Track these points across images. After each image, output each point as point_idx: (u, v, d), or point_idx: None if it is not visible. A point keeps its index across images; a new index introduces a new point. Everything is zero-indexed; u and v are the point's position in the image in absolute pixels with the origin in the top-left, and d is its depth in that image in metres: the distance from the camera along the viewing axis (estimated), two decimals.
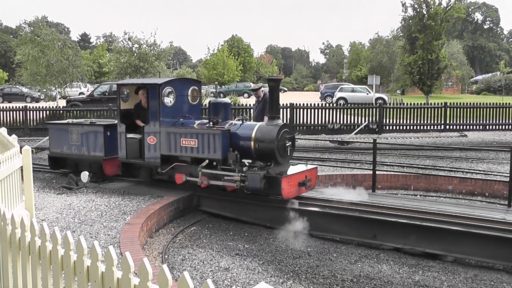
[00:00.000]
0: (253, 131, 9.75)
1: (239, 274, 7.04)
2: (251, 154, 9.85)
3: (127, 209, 9.34)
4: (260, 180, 9.13)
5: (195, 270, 7.24)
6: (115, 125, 11.81)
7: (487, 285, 6.92)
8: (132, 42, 41.61)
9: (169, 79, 11.22)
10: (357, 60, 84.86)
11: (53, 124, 13.41)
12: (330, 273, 7.18)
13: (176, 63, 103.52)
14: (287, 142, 9.73)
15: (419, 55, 37.96)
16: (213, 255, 7.85)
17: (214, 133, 9.88)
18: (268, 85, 10.03)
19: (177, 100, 11.23)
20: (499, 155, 17.00)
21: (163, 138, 10.62)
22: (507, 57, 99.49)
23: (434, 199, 11.30)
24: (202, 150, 10.05)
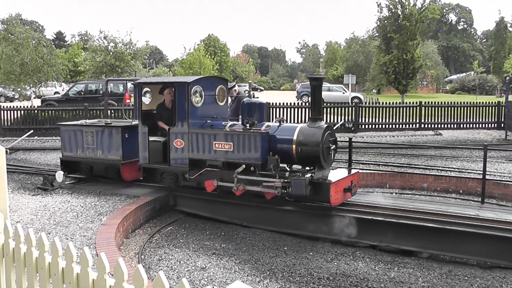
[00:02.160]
0: (294, 133, 9.16)
1: (216, 274, 7.05)
2: (292, 158, 9.30)
3: (103, 209, 9.28)
4: (305, 186, 8.58)
5: (171, 270, 7.23)
6: (133, 127, 11.20)
7: (461, 280, 7.04)
8: (107, 41, 41.33)
9: (198, 77, 10.50)
10: (333, 60, 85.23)
11: (66, 126, 12.44)
12: (307, 271, 7.23)
13: (152, 63, 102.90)
14: (331, 145, 9.24)
15: (395, 55, 38.30)
16: (190, 255, 7.84)
17: (253, 136, 9.20)
18: (310, 85, 9.49)
19: (205, 100, 10.46)
20: (473, 153, 17.26)
21: (192, 141, 9.92)
22: (481, 57, 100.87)
23: (409, 196, 11.42)
24: (239, 154, 9.37)
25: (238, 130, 9.59)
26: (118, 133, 11.14)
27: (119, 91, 29.53)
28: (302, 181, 8.62)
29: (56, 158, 16.62)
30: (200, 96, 10.34)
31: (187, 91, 9.94)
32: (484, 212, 8.62)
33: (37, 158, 16.90)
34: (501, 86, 63.22)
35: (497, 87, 67.16)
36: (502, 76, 61.93)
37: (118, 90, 29.74)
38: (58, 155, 17.00)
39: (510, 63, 54.73)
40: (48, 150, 18.80)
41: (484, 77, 71.79)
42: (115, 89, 29.81)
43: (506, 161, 15.96)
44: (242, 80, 73.89)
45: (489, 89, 69.84)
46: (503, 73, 59.60)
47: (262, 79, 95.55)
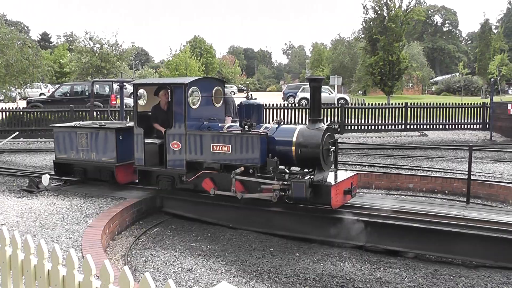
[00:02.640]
0: (294, 135, 9.04)
1: (202, 275, 7.05)
2: (291, 160, 9.18)
3: (89, 211, 9.24)
4: (306, 188, 8.45)
5: (158, 271, 7.22)
6: (127, 129, 11.13)
7: (447, 279, 7.09)
8: (93, 42, 41.18)
9: (194, 78, 10.34)
10: (319, 61, 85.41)
11: (59, 127, 12.22)
12: (293, 272, 7.25)
13: (138, 64, 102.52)
14: (330, 147, 9.16)
15: (380, 56, 38.51)
16: (176, 256, 7.83)
17: (251, 138, 9.09)
18: (310, 86, 9.40)
19: (201, 101, 10.34)
20: (458, 154, 17.42)
21: (189, 143, 9.77)
22: (466, 58, 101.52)
23: (395, 197, 11.49)
24: (237, 156, 9.25)
25: (236, 132, 9.47)
26: (112, 135, 11.00)
27: (105, 92, 29.40)
28: (303, 183, 8.50)
29: (42, 160, 16.53)
30: (197, 98, 10.23)
31: (184, 92, 9.79)
32: (470, 212, 8.71)
33: (22, 160, 16.78)
34: (486, 88, 63.72)
35: (482, 88, 67.68)
36: (487, 77, 62.40)
37: (104, 91, 29.60)
38: (44, 157, 16.96)
39: (494, 65, 55.25)
40: (34, 152, 18.68)
41: (469, 78, 72.27)
42: (101, 90, 29.67)
43: (491, 161, 16.12)
44: (228, 81, 73.82)
45: (474, 90, 70.35)
46: (488, 75, 60.08)
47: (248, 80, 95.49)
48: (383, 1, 39.41)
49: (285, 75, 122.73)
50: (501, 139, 22.82)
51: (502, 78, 61.53)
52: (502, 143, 21.74)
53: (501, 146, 20.51)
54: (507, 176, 13.39)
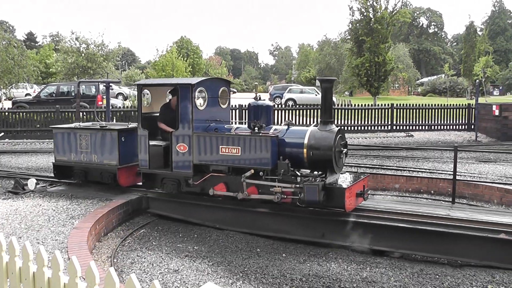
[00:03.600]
0: (305, 137, 8.85)
1: (189, 276, 7.04)
2: (302, 163, 9.01)
3: (75, 213, 9.20)
4: (319, 192, 8.24)
5: (144, 272, 7.20)
6: (130, 130, 10.90)
7: (432, 278, 7.15)
8: (79, 42, 40.99)
9: (201, 79, 10.06)
10: (306, 62, 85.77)
11: (59, 129, 11.82)
12: (279, 273, 7.26)
13: (125, 64, 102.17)
14: (342, 149, 9.04)
15: (366, 58, 38.66)
16: (163, 257, 7.82)
17: (263, 139, 8.85)
18: (321, 87, 9.24)
19: (208, 102, 10.07)
20: (443, 154, 17.54)
21: (196, 145, 9.48)
22: (451, 60, 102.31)
23: (381, 197, 11.55)
24: (247, 158, 9.00)
25: (247, 134, 9.20)
26: (115, 136, 10.70)
27: (91, 93, 29.27)
28: (316, 186, 8.28)
29: (27, 161, 16.42)
30: (203, 98, 10.00)
31: (191, 92, 9.53)
32: (455, 212, 8.78)
33: (7, 161, 16.65)
34: (471, 89, 64.32)
35: (468, 89, 68.30)
36: (472, 79, 62.95)
37: (90, 92, 29.47)
38: (30, 158, 16.86)
39: (479, 67, 55.72)
40: (19, 153, 18.54)
41: (454, 79, 72.86)
42: (87, 91, 29.54)
43: (476, 161, 16.25)
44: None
45: (460, 92, 70.93)
46: (473, 76, 60.62)
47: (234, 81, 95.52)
48: (369, 2, 39.60)
49: (272, 76, 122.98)
50: (486, 140, 23.02)
51: (487, 79, 62.18)
52: (487, 143, 21.94)
53: (486, 146, 20.69)
54: (492, 176, 13.52)
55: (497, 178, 13.26)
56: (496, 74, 75.87)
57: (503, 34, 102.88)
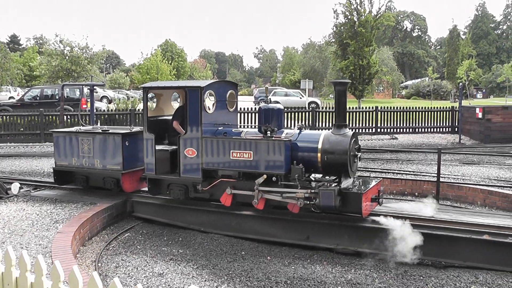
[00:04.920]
0: (319, 141, 8.64)
1: (174, 279, 7.03)
2: (316, 168, 8.77)
3: (59, 217, 9.14)
4: (335, 197, 8.02)
5: (129, 276, 7.17)
6: (133, 134, 10.62)
7: (417, 280, 7.21)
8: (63, 44, 40.76)
9: (211, 81, 9.83)
10: (290, 65, 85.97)
11: (60, 133, 11.39)
12: (264, 276, 7.27)
13: (109, 67, 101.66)
14: (357, 153, 8.86)
15: (351, 61, 38.93)
16: (147, 261, 7.80)
17: (275, 144, 8.57)
18: (335, 90, 8.97)
19: (216, 106, 9.78)
20: (427, 157, 17.65)
21: (206, 150, 9.19)
22: (435, 63, 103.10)
23: None
24: (259, 163, 8.72)
25: (259, 138, 8.93)
26: (118, 140, 10.39)
27: (76, 96, 29.09)
28: (332, 191, 8.07)
29: (11, 165, 16.27)
30: (212, 102, 9.71)
31: (200, 96, 9.24)
32: (439, 214, 8.83)
33: None
34: (455, 92, 64.81)
35: (451, 92, 68.84)
36: (455, 82, 63.56)
37: (74, 95, 29.29)
38: (13, 162, 16.71)
39: (463, 70, 56.19)
40: (3, 157, 18.36)
41: (438, 82, 73.44)
42: (71, 94, 29.34)
43: (460, 164, 16.38)
44: None
45: (444, 95, 71.49)
46: (456, 79, 61.19)
47: None
48: (353, 6, 39.88)
49: (257, 79, 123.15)
50: (470, 142, 23.20)
51: (470, 82, 62.67)
52: (470, 146, 22.12)
53: (469, 149, 20.86)
54: (475, 178, 13.63)
55: (480, 180, 13.38)
56: (479, 77, 76.68)
57: (486, 38, 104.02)
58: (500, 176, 14.14)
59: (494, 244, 7.64)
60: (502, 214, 9.59)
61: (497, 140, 22.58)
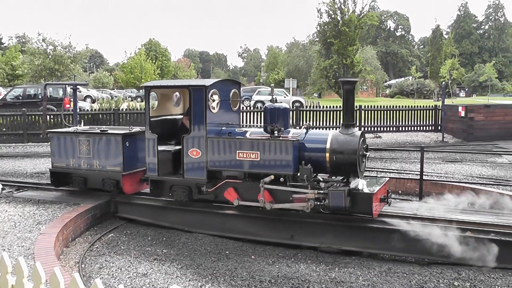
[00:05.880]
0: (327, 141, 8.49)
1: (158, 279, 7.01)
2: (324, 168, 8.61)
3: (42, 218, 9.08)
4: (345, 197, 7.90)
5: (112, 277, 7.14)
6: (133, 134, 10.37)
7: (400, 277, 7.25)
8: (46, 43, 40.46)
9: (215, 80, 9.65)
10: (275, 64, 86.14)
11: (57, 133, 11.08)
12: (249, 275, 7.28)
13: (93, 66, 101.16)
14: (366, 153, 8.77)
15: (335, 60, 39.11)
16: (131, 262, 7.77)
17: (283, 144, 8.43)
18: (343, 89, 8.81)
19: (220, 105, 9.59)
20: (411, 155, 17.78)
21: (211, 150, 8.99)
22: (418, 63, 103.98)
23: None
24: (266, 164, 8.57)
25: (266, 138, 8.75)
26: (119, 141, 10.11)
27: (59, 95, 28.86)
28: (341, 192, 7.94)
29: None
30: (216, 101, 9.49)
31: (204, 95, 9.04)
32: (422, 212, 8.89)
33: None
34: (438, 91, 65.37)
35: (434, 91, 69.43)
36: (438, 81, 64.11)
37: (57, 94, 29.06)
38: None
39: (446, 69, 56.75)
40: None
41: (421, 82, 74.05)
42: (54, 93, 29.10)
43: (443, 162, 16.52)
44: None
45: (427, 93, 72.08)
46: (439, 78, 61.76)
47: None
48: (337, 5, 40.03)
49: (241, 78, 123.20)
50: (453, 140, 23.40)
51: (453, 81, 63.31)
52: (453, 144, 22.31)
53: (452, 147, 21.05)
54: (458, 176, 13.76)
55: (463, 178, 13.50)
56: (462, 76, 77.34)
57: (468, 37, 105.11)
58: (483, 173, 14.30)
59: (476, 241, 7.70)
60: (484, 211, 9.68)
61: (479, 138, 22.80)
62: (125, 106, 28.21)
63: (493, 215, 9.01)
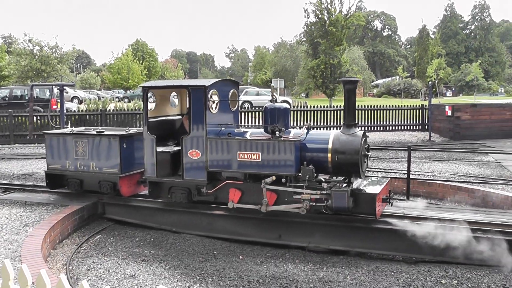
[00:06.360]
0: (329, 141, 8.42)
1: (145, 280, 6.99)
2: (325, 168, 8.53)
3: (29, 220, 9.02)
4: (347, 198, 7.84)
5: (100, 279, 7.11)
6: (130, 135, 10.19)
7: (388, 275, 7.28)
8: (33, 44, 40.22)
9: (214, 80, 9.51)
10: (262, 64, 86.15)
11: (53, 134, 10.83)
12: (237, 275, 7.28)
13: (80, 67, 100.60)
14: (368, 153, 8.71)
15: (322, 60, 39.16)
16: (119, 263, 7.74)
17: (285, 144, 8.34)
18: (344, 88, 8.74)
19: (220, 105, 9.51)
20: (398, 154, 17.86)
21: (211, 151, 8.88)
22: (405, 62, 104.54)
23: None
24: (268, 164, 8.47)
25: (267, 138, 8.64)
26: (116, 142, 9.94)
27: (45, 96, 28.70)
28: (344, 192, 7.87)
29: None
30: (216, 101, 9.46)
31: (204, 95, 8.92)
32: (409, 210, 8.94)
33: None
34: (425, 90, 65.77)
35: (421, 91, 69.85)
36: (425, 80, 64.45)
37: (44, 95, 28.90)
38: None
39: (432, 69, 57.04)
40: None
41: (408, 81, 74.44)
42: (41, 94, 28.94)
43: (430, 161, 16.60)
44: None
45: (414, 93, 72.47)
46: (426, 78, 62.07)
47: None
48: (324, 5, 40.11)
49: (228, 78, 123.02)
50: (439, 140, 23.52)
51: (440, 81, 63.64)
52: (440, 143, 22.42)
53: (439, 146, 21.16)
54: (445, 175, 13.83)
55: (450, 176, 13.57)
56: (448, 76, 77.83)
57: (454, 37, 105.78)
58: (469, 172, 14.39)
59: None
60: (471, 209, 9.75)
61: (466, 137, 22.96)
62: (112, 107, 28.10)
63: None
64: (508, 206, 10.28)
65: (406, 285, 6.93)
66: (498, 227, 7.96)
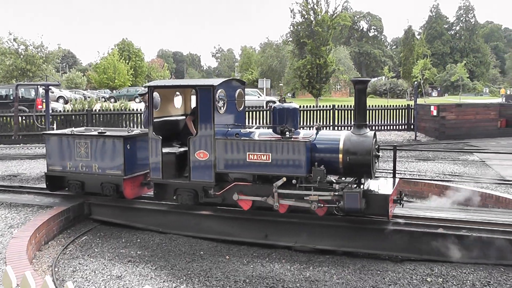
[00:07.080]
0: (340, 142, 8.28)
1: (132, 281, 6.97)
2: (336, 169, 8.40)
3: (14, 222, 8.97)
4: (360, 199, 7.76)
5: (86, 280, 7.07)
6: (134, 137, 9.99)
7: (374, 274, 7.32)
8: (17, 43, 39.93)
9: (222, 80, 9.26)
10: (248, 64, 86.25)
11: (53, 135, 10.57)
12: (223, 275, 7.27)
13: (66, 67, 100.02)
14: (378, 153, 8.61)
15: (308, 60, 39.26)
16: (105, 264, 7.70)
17: (296, 145, 8.19)
18: (355, 88, 8.65)
19: (227, 105, 9.34)
20: (384, 154, 17.89)
21: (219, 152, 8.66)
22: (391, 63, 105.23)
23: None
24: (278, 166, 8.29)
25: (278, 139, 8.48)
26: (120, 143, 9.69)
27: (31, 96, 28.51)
28: (357, 193, 7.81)
29: None
30: (223, 101, 9.28)
31: (212, 95, 8.70)
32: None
33: None
34: (410, 90, 66.19)
35: (407, 91, 70.31)
36: (411, 80, 64.88)
37: (29, 95, 28.70)
38: None
39: (418, 69, 57.43)
40: None
41: (394, 81, 74.96)
42: (26, 94, 28.75)
43: (415, 160, 16.72)
44: None
45: (400, 93, 72.98)
46: (412, 78, 62.49)
47: None
48: (310, 6, 40.22)
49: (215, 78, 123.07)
50: (425, 139, 23.70)
51: (426, 81, 64.14)
52: (425, 142, 22.58)
53: (424, 145, 21.30)
54: (431, 174, 13.94)
55: (435, 175, 13.68)
56: (434, 76, 78.48)
57: (440, 38, 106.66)
58: (455, 171, 14.51)
59: (449, 237, 7.81)
60: (456, 208, 9.83)
61: (451, 136, 23.17)
62: (98, 107, 27.95)
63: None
64: (492, 204, 10.38)
65: (392, 283, 6.98)
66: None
